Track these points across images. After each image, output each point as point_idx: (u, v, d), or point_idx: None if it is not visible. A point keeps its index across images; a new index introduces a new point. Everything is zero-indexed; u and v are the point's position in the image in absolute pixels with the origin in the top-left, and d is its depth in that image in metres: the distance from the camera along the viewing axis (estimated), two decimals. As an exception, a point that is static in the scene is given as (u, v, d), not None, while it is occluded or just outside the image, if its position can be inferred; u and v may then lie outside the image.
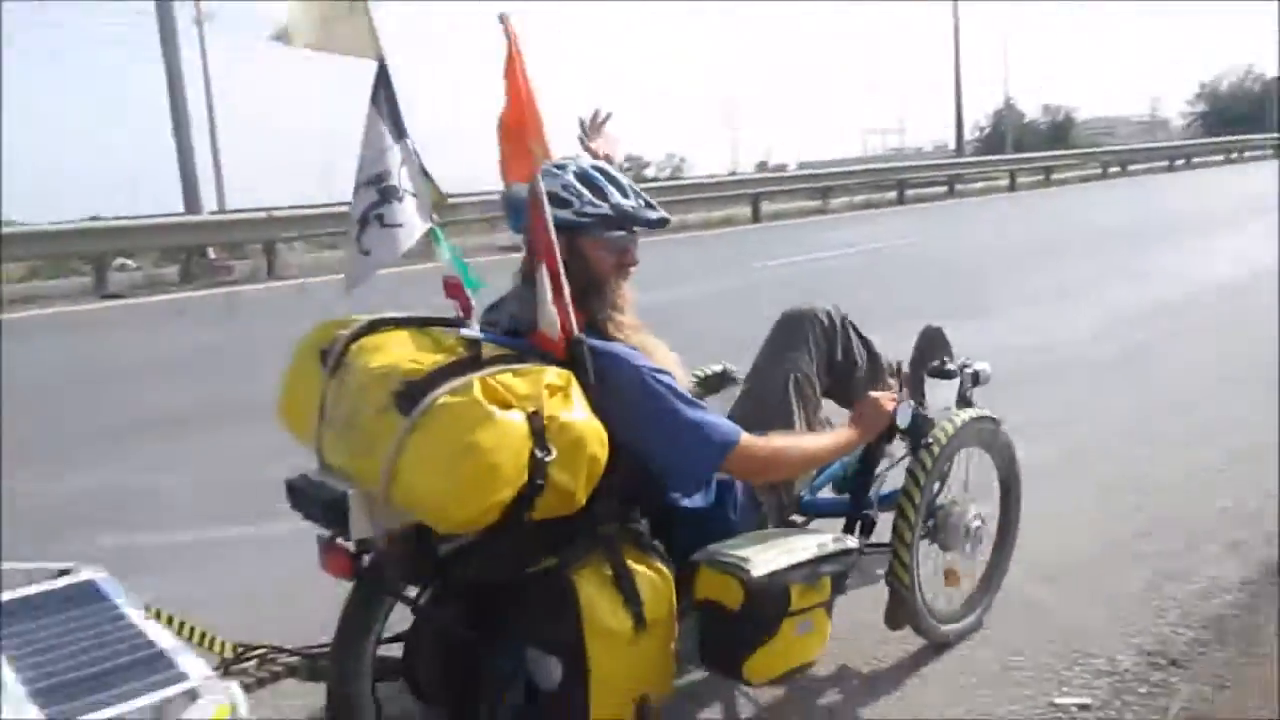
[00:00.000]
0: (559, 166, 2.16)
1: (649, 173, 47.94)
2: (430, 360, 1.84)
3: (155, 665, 1.62)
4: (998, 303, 7.91)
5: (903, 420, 2.43)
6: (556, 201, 2.08)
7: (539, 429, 1.73)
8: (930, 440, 2.46)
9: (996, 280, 9.39)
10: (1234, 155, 33.63)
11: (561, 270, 1.96)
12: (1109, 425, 4.63)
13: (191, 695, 1.51)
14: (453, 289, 2.16)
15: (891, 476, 2.61)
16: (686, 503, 2.21)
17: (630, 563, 1.94)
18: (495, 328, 2.15)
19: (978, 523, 2.62)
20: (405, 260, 2.37)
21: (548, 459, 1.73)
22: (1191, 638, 2.66)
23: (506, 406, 1.72)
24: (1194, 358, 5.93)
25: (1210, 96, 62.75)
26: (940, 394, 2.74)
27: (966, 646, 2.64)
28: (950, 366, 2.77)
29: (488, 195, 10.57)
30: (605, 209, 2.15)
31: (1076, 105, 59.32)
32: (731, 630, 2.03)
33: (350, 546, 1.92)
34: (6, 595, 1.90)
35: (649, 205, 2.24)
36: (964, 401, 2.80)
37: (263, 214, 14.40)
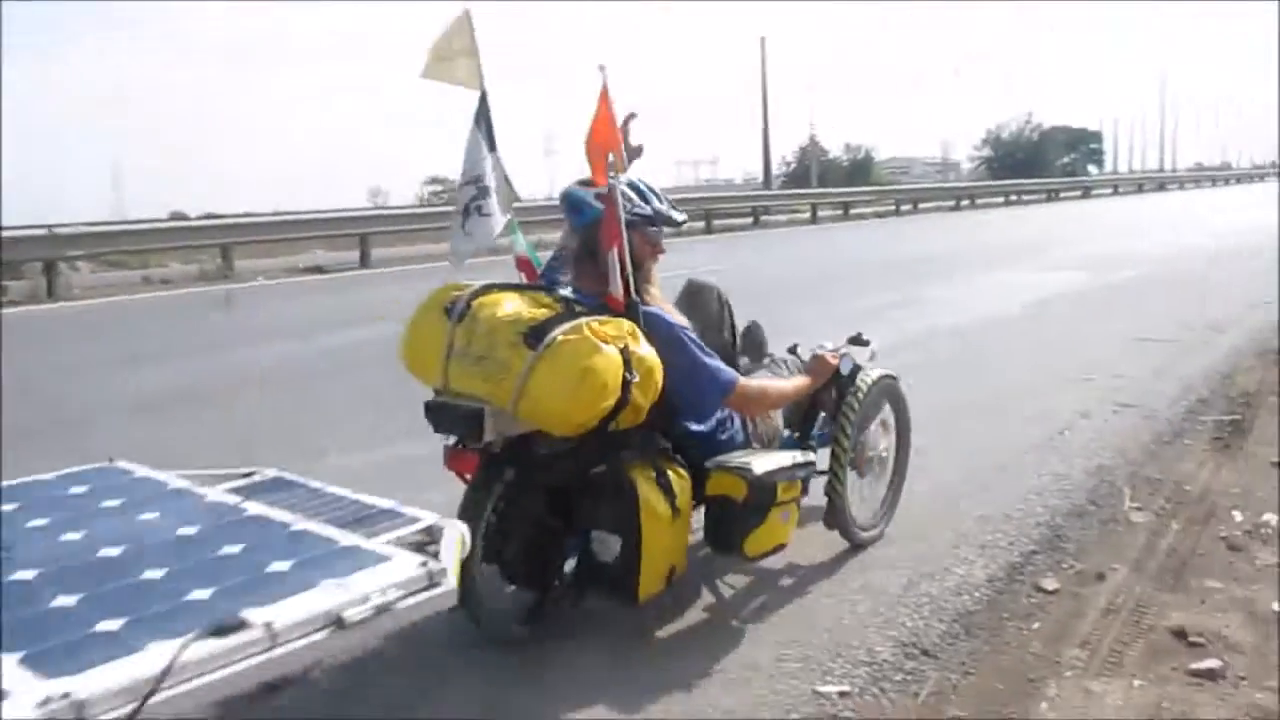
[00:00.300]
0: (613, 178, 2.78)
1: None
2: (540, 311, 2.56)
3: (391, 514, 2.01)
4: (794, 328, 8.28)
5: (845, 369, 3.32)
6: (633, 207, 2.87)
7: (627, 359, 2.47)
8: (855, 389, 3.32)
9: (795, 306, 9.82)
10: (1012, 198, 36.25)
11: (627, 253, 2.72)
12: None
13: (430, 531, 1.91)
14: (523, 264, 3.22)
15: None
16: (695, 428, 2.92)
17: (664, 467, 2.71)
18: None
19: (886, 453, 3.60)
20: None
21: (634, 381, 2.48)
22: (943, 630, 2.93)
23: (605, 343, 2.44)
24: (952, 382, 6.33)
25: (994, 142, 67.31)
26: (856, 357, 3.46)
27: (745, 642, 2.83)
28: (865, 337, 3.58)
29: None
30: (648, 210, 2.92)
31: (875, 145, 62.52)
32: (735, 516, 2.80)
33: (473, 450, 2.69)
34: (224, 485, 2.28)
35: (674, 208, 3.05)
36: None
37: (43, 230, 13.14)
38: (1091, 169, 75.92)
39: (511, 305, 2.61)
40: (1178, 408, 5.49)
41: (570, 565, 2.73)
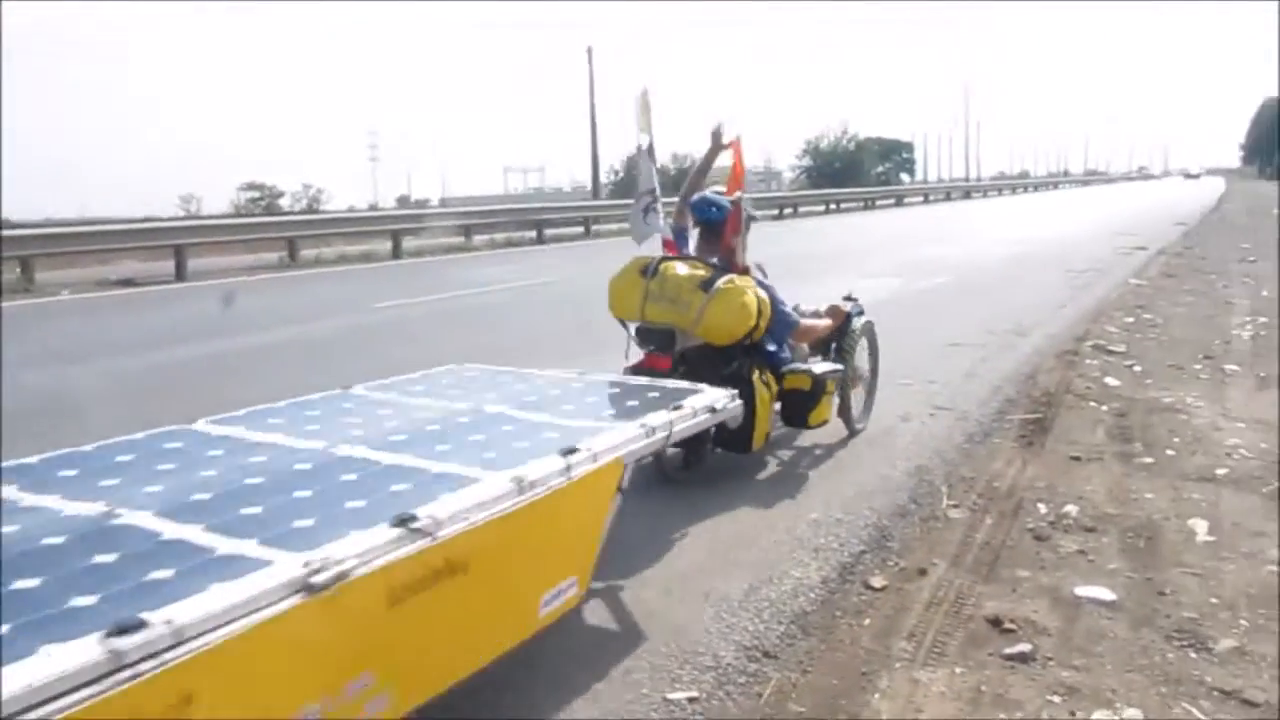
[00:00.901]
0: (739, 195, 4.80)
1: (283, 203, 45.77)
2: (701, 272, 4.41)
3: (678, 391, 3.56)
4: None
5: (854, 311, 5.34)
6: (740, 212, 4.70)
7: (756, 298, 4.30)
8: (852, 329, 5.24)
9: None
10: (832, 206, 37.67)
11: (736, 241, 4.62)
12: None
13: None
14: (668, 245, 4.84)
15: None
16: (771, 349, 4.64)
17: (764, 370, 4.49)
18: None
19: (867, 372, 5.54)
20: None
21: (761, 313, 4.34)
22: (782, 631, 3.09)
23: (747, 289, 4.29)
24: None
25: (814, 152, 69.63)
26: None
27: (597, 656, 2.90)
28: (855, 295, 5.50)
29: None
30: (748, 215, 4.80)
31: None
32: (803, 401, 4.60)
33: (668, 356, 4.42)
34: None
35: (753, 211, 4.97)
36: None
37: None
38: (904, 177, 79.64)
39: (684, 268, 4.49)
40: (987, 409, 5.90)
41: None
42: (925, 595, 3.38)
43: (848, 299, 5.42)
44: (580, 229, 24.40)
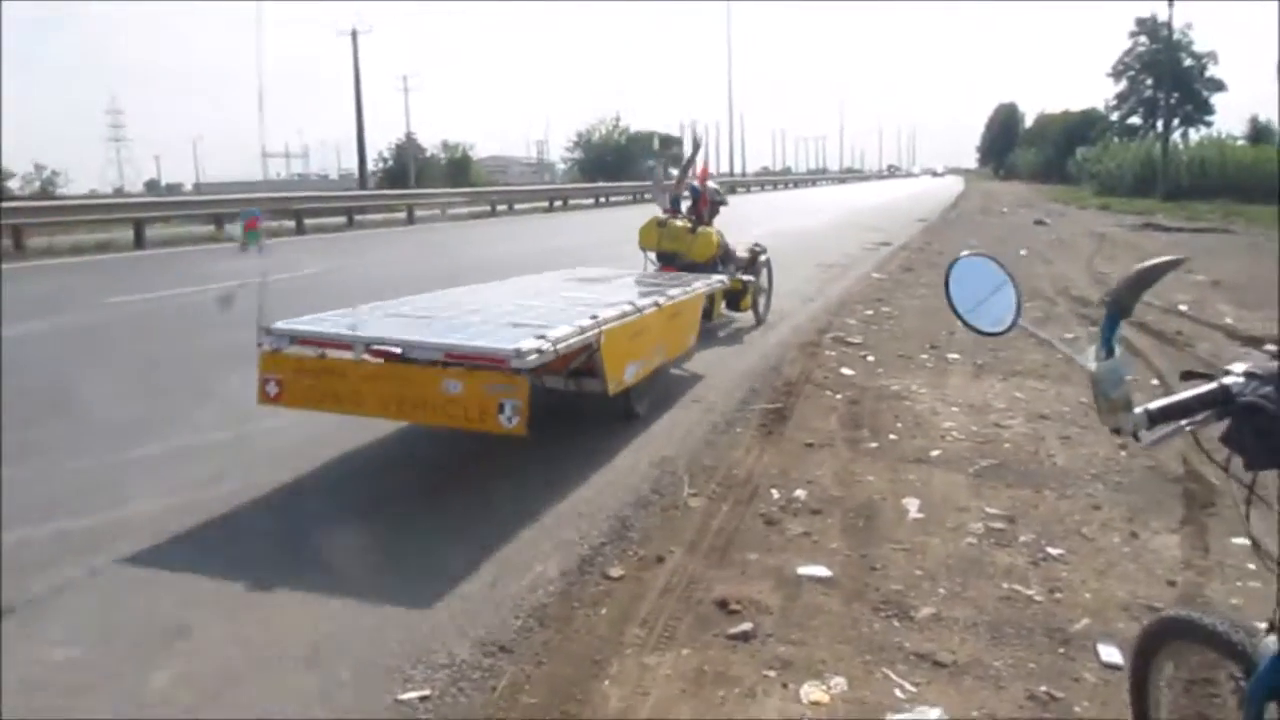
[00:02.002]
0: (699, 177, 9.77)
1: (13, 185, 42.03)
2: (688, 224, 8.85)
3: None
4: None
5: (760, 250, 9.53)
6: (710, 192, 9.42)
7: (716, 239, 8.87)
8: (760, 261, 9.36)
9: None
10: (602, 199, 38.19)
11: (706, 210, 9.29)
12: (461, 448, 5.16)
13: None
14: (667, 210, 9.04)
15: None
16: (720, 267, 8.64)
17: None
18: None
19: (765, 285, 9.42)
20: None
21: (718, 246, 8.86)
22: (519, 625, 3.16)
23: (713, 233, 8.84)
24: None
25: (585, 145, 70.29)
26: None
27: (332, 659, 2.88)
28: (760, 244, 9.60)
29: None
30: (719, 198, 9.63)
31: (474, 142, 63.23)
32: (738, 295, 8.75)
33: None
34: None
35: (720, 194, 9.77)
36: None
37: None
38: (673, 171, 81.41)
39: (679, 223, 8.76)
40: (732, 399, 6.19)
41: None
42: (660, 582, 3.53)
43: (757, 245, 9.54)
44: (343, 219, 23.59)
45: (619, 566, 3.67)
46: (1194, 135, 56.12)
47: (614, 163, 63.86)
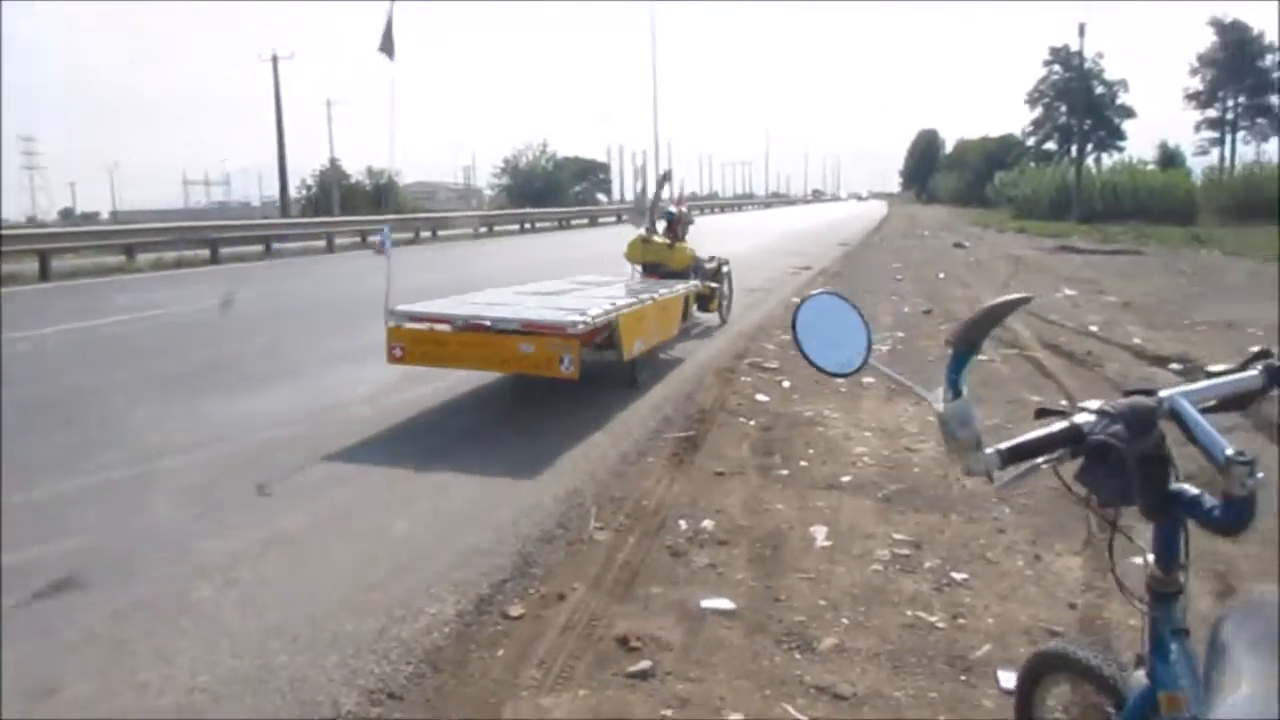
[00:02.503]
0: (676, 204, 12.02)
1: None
2: (667, 240, 10.87)
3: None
4: (290, 368, 8.15)
5: (724, 261, 11.41)
6: (683, 215, 11.39)
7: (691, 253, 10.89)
8: (724, 271, 11.22)
9: (296, 344, 9.62)
10: (528, 226, 38.06)
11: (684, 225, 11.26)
12: (365, 482, 5.04)
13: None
14: (648, 231, 10.94)
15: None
16: (693, 276, 10.39)
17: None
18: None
19: (728, 291, 11.44)
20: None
21: (690, 259, 10.79)
22: (410, 671, 3.05)
23: (686, 248, 10.86)
24: (448, 417, 6.63)
25: (513, 170, 70.14)
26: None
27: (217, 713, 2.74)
28: (722, 256, 11.41)
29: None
30: (688, 219, 11.48)
31: (400, 169, 62.54)
32: (706, 299, 10.56)
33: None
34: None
35: (691, 216, 11.88)
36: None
37: None
38: (601, 197, 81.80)
39: (659, 239, 10.80)
40: (646, 428, 6.14)
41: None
42: (561, 620, 3.45)
43: (720, 259, 11.29)
44: (261, 248, 23.06)
45: (519, 605, 3.58)
46: (1106, 160, 57.96)
47: (541, 189, 63.80)
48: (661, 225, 11.07)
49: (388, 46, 7.10)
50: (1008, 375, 7.89)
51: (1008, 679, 3.00)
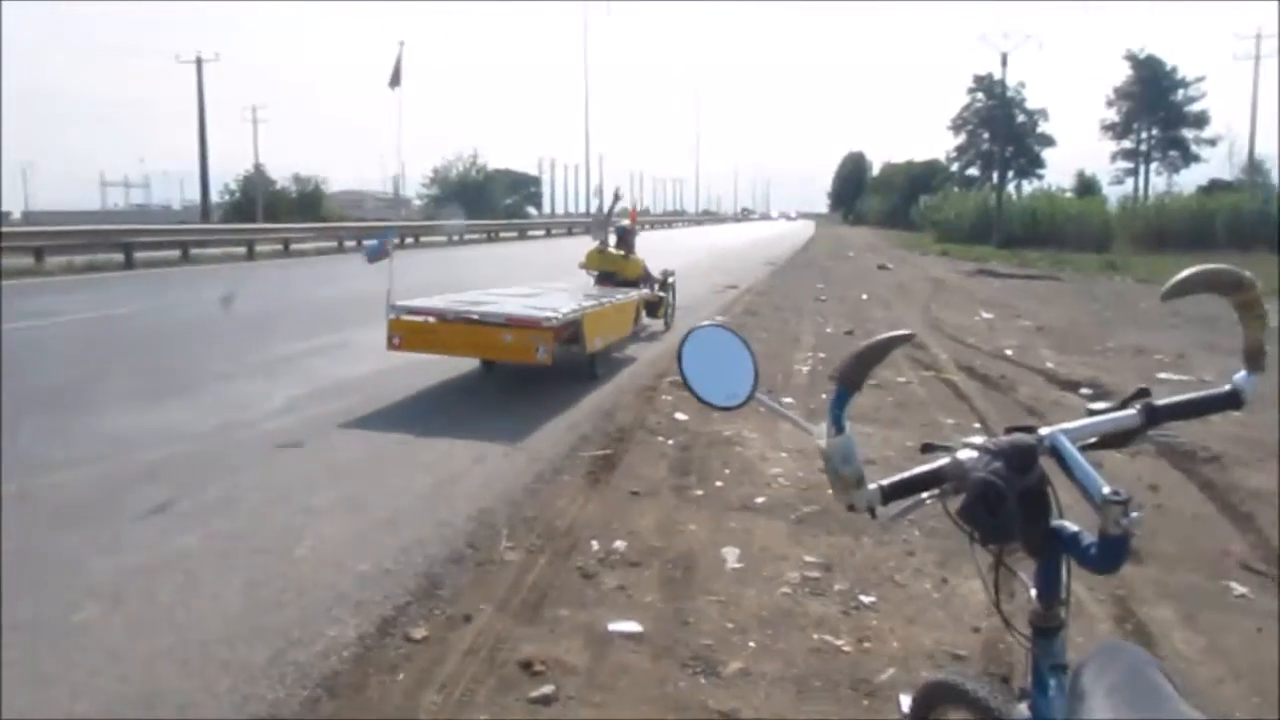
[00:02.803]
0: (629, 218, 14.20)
1: None
2: (621, 252, 12.06)
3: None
4: (195, 380, 7.95)
5: (670, 273, 12.81)
6: (633, 230, 12.84)
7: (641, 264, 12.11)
8: (670, 283, 12.60)
9: (215, 354, 9.39)
10: (454, 238, 37.74)
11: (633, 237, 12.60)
12: (263, 501, 4.91)
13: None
14: (601, 245, 12.14)
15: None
16: (644, 285, 11.86)
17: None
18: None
19: (672, 301, 12.69)
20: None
21: (641, 269, 12.08)
22: (305, 696, 2.96)
23: (639, 260, 12.12)
24: (360, 433, 6.52)
25: (442, 181, 69.62)
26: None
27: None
28: (668, 268, 12.82)
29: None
30: (634, 233, 12.77)
31: (326, 176, 61.53)
32: (655, 306, 11.92)
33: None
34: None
35: (636, 230, 13.22)
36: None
37: None
38: (531, 210, 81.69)
39: (614, 250, 12.01)
40: (561, 446, 6.09)
41: None
42: (465, 643, 3.39)
43: (668, 270, 12.63)
44: (178, 253, 22.45)
45: (423, 627, 3.51)
46: (1027, 187, 59.56)
47: (471, 199, 63.38)
48: (613, 240, 12.41)
49: (396, 80, 8.25)
50: (924, 398, 8.01)
51: (908, 703, 3.01)
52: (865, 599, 3.86)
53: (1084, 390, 8.37)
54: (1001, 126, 54.50)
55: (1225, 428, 6.70)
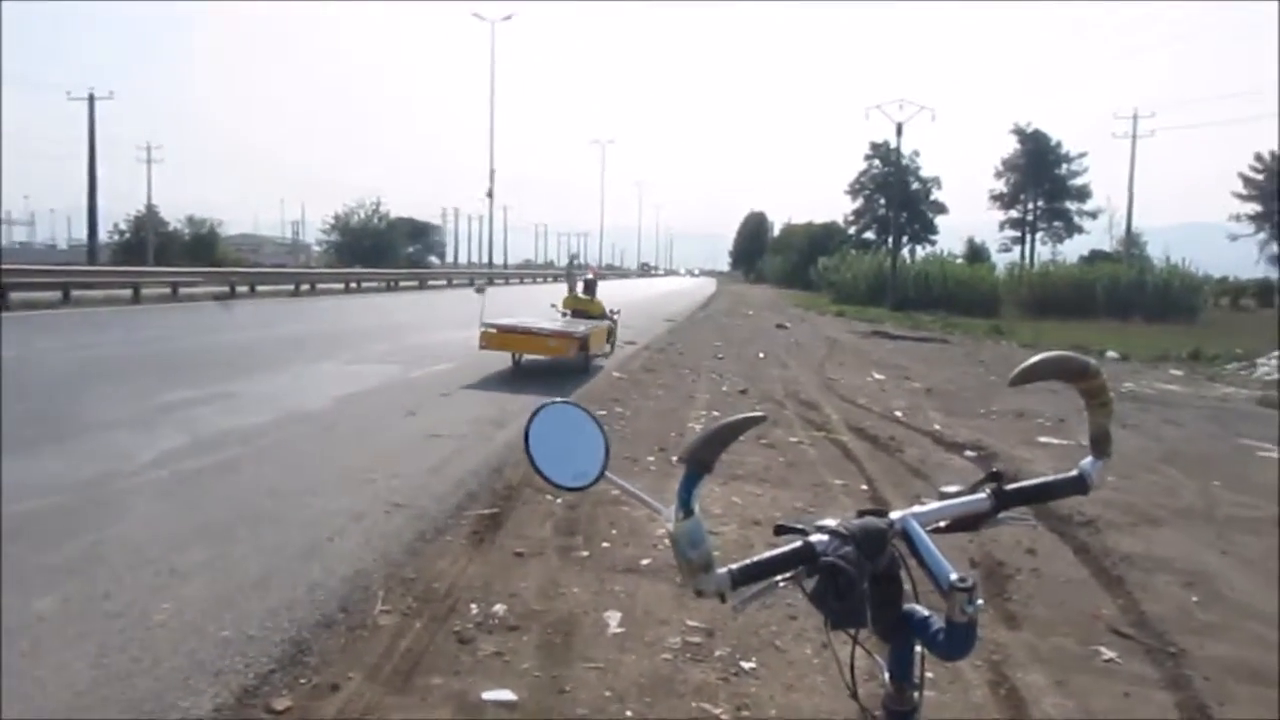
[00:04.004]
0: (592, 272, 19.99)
1: None
2: (591, 298, 16.36)
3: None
4: (81, 427, 7.62)
5: (615, 311, 16.77)
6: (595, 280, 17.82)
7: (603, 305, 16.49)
8: (616, 318, 16.54)
9: (91, 401, 9.01)
10: (353, 285, 37.24)
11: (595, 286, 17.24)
12: (126, 561, 4.68)
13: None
14: (571, 290, 17.72)
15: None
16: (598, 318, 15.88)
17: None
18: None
19: (615, 333, 16.63)
20: None
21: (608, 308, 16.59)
22: (151, 776, 2.79)
23: (601, 303, 16.48)
24: (235, 489, 6.26)
25: (343, 228, 68.57)
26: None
27: None
28: (613, 310, 16.72)
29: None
30: (595, 283, 17.44)
31: (223, 219, 60.07)
32: (609, 337, 15.96)
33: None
34: None
35: (599, 279, 18.62)
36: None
37: None
38: (433, 259, 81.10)
39: (585, 296, 16.39)
40: (446, 504, 5.96)
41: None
42: (330, 714, 3.25)
43: (614, 310, 16.46)
44: (58, 294, 21.58)
45: (287, 697, 3.35)
46: (920, 251, 61.48)
47: (372, 248, 62.65)
48: (580, 287, 17.06)
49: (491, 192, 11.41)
50: (814, 458, 8.08)
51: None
52: (746, 665, 3.83)
53: (968, 453, 8.56)
54: (896, 192, 56.31)
55: (1101, 493, 6.90)
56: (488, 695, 3.43)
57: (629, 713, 3.38)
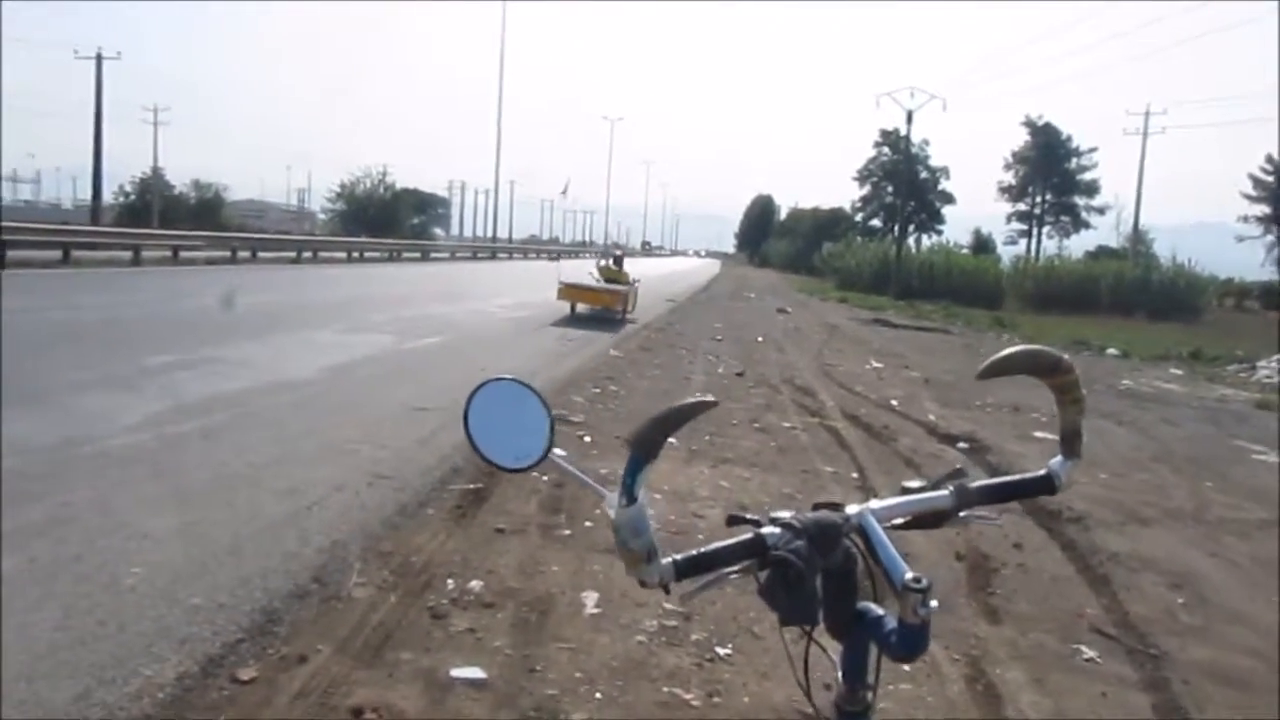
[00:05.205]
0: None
1: None
2: (620, 268, 21.68)
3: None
4: (70, 387, 7.56)
5: (636, 279, 21.25)
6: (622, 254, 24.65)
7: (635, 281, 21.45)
8: (635, 285, 20.59)
9: (78, 362, 8.96)
10: (355, 255, 37.11)
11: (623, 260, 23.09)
12: (100, 525, 4.61)
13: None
14: (605, 261, 22.61)
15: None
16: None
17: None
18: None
19: (636, 299, 20.43)
20: None
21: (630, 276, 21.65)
22: (114, 741, 2.75)
23: (629, 274, 21.76)
24: (218, 454, 6.19)
25: (349, 197, 68.28)
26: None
27: None
28: (635, 277, 21.50)
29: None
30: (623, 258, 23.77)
31: (229, 184, 59.80)
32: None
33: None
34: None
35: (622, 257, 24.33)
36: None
37: None
38: (438, 232, 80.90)
39: (613, 266, 21.52)
40: (430, 478, 5.90)
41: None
42: (296, 686, 3.20)
43: (636, 278, 21.14)
44: (58, 254, 21.52)
45: (253, 668, 3.31)
46: (926, 241, 61.27)
47: (377, 217, 62.37)
48: (611, 260, 22.01)
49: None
50: (806, 444, 8.04)
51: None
52: (721, 651, 3.78)
53: (961, 445, 8.51)
54: (904, 180, 56.05)
55: (1091, 490, 6.87)
56: (456, 673, 3.39)
57: (599, 695, 3.33)
